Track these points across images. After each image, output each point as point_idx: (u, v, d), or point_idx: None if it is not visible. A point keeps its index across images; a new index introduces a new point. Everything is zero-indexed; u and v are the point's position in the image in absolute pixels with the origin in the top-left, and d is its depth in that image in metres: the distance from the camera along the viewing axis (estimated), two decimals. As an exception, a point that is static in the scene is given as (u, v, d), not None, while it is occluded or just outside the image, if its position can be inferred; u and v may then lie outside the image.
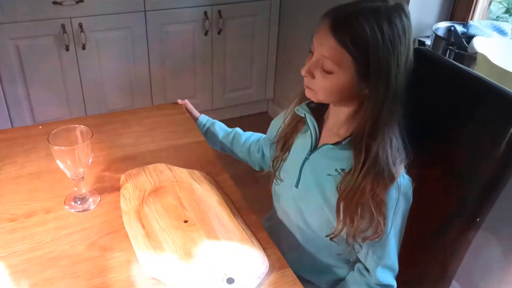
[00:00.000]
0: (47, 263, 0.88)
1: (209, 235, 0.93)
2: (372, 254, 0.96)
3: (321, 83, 0.89)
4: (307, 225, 1.03)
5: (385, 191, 0.88)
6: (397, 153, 0.89)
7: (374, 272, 0.96)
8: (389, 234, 0.92)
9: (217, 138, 1.30)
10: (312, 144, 0.99)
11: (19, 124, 2.27)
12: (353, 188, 0.89)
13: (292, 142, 1.06)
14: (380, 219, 0.89)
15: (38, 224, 0.96)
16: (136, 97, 2.52)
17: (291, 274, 0.88)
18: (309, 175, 1.00)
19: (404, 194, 0.92)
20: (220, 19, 2.47)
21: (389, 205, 0.90)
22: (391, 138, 0.89)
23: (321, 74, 0.88)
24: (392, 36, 0.83)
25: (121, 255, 0.90)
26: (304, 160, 1.00)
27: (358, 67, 0.85)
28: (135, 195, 1.02)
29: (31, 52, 2.17)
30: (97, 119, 1.38)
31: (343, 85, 0.88)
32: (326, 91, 0.90)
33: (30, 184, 1.07)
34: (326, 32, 0.85)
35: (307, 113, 0.99)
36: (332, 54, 0.85)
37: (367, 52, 0.83)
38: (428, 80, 1.12)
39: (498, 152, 0.92)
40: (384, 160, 0.87)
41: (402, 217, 0.94)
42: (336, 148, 0.94)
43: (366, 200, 0.89)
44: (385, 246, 0.94)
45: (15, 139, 1.23)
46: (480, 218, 0.97)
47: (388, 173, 0.88)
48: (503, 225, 1.41)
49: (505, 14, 1.81)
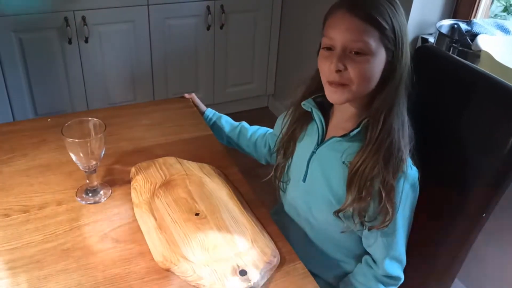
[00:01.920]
0: (61, 254, 0.89)
1: (220, 228, 0.95)
2: (380, 245, 0.97)
3: (356, 70, 0.87)
4: (315, 219, 1.04)
5: (395, 177, 0.89)
6: (406, 137, 0.91)
7: (382, 263, 0.97)
8: (397, 224, 0.93)
9: (224, 132, 1.31)
10: (319, 138, 1.01)
11: (21, 117, 2.27)
12: (364, 162, 0.90)
13: (299, 140, 1.06)
14: (388, 205, 0.89)
15: (51, 216, 0.97)
16: (138, 91, 2.52)
17: (302, 267, 0.90)
18: (316, 169, 1.01)
19: (412, 184, 0.93)
20: (222, 14, 2.48)
21: (397, 194, 0.91)
22: (403, 120, 0.91)
23: (353, 61, 0.87)
24: (397, 5, 0.89)
25: (134, 247, 0.91)
26: (311, 154, 1.01)
27: (386, 42, 0.88)
28: (146, 188, 1.03)
29: (33, 44, 2.17)
30: (105, 112, 1.39)
31: (377, 66, 0.89)
32: (362, 79, 0.88)
33: (41, 176, 1.08)
34: (346, 17, 0.87)
35: (313, 107, 1.00)
36: (360, 34, 0.86)
37: (390, 23, 0.87)
38: (434, 76, 1.13)
39: (505, 148, 0.93)
40: (396, 139, 0.89)
41: (410, 208, 0.96)
42: (344, 140, 0.95)
43: (376, 182, 0.90)
44: (393, 236, 0.95)
45: (23, 131, 1.24)
46: (486, 213, 0.99)
47: (398, 156, 0.89)
48: (504, 223, 1.43)
49: (503, 12, 1.83)
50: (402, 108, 0.91)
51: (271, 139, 1.24)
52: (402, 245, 0.97)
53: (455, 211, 1.01)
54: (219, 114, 1.35)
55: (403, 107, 0.91)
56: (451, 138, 1.04)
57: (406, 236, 0.98)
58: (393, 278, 0.99)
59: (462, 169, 1.02)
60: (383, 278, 0.99)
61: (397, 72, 0.90)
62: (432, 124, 1.09)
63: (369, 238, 0.98)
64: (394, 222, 0.93)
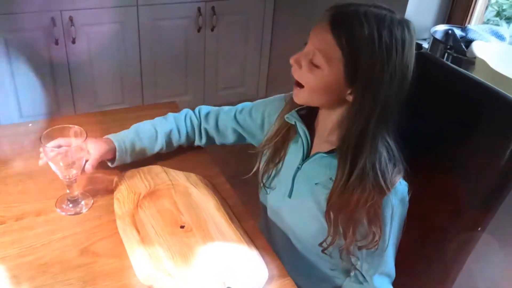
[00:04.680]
0: (38, 269, 0.84)
1: (206, 241, 0.91)
2: (369, 263, 0.94)
3: (306, 76, 0.87)
4: (302, 235, 1.01)
5: (379, 204, 0.86)
6: (390, 166, 0.87)
7: (371, 279, 0.95)
8: (387, 240, 0.91)
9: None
10: (304, 153, 0.97)
11: (6, 120, 2.22)
12: (340, 201, 0.87)
13: (285, 153, 1.02)
14: (375, 231, 0.87)
15: (29, 228, 0.93)
16: (127, 93, 2.48)
17: (291, 282, 0.86)
18: (302, 185, 0.97)
19: (401, 199, 0.90)
20: (213, 16, 2.44)
21: (386, 216, 0.88)
22: (380, 152, 0.86)
23: (309, 67, 0.87)
24: (389, 46, 0.81)
25: (115, 261, 0.87)
26: (296, 169, 0.98)
27: (347, 68, 0.83)
28: (129, 199, 0.98)
29: (19, 45, 2.11)
30: (89, 117, 1.35)
31: (327, 83, 0.85)
32: (310, 86, 0.88)
33: (20, 185, 1.03)
34: (324, 25, 0.84)
35: (297, 121, 0.96)
36: (324, 47, 0.84)
37: (359, 54, 0.81)
38: (429, 85, 1.10)
39: (502, 160, 0.91)
40: (373, 175, 0.85)
41: (399, 222, 0.93)
42: (329, 156, 0.92)
43: (360, 214, 0.87)
44: (382, 255, 0.92)
45: (3, 137, 1.20)
46: (481, 227, 0.96)
47: (379, 187, 0.85)
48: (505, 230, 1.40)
49: (495, 17, 1.82)
50: (378, 141, 0.86)
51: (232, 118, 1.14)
52: (391, 260, 0.95)
53: (450, 225, 0.99)
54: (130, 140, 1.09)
55: (381, 138, 0.86)
56: (446, 146, 1.02)
57: (395, 249, 0.95)
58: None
59: (458, 181, 0.99)
60: None
61: (358, 109, 0.84)
62: (426, 133, 1.06)
63: (359, 256, 0.95)
64: (384, 240, 0.90)
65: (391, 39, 0.80)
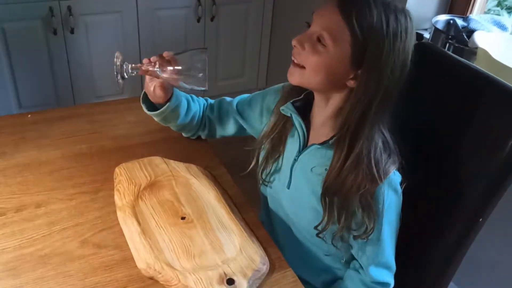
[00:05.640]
0: (38, 260, 0.84)
1: (207, 233, 0.90)
2: (365, 252, 0.95)
3: (310, 57, 0.85)
4: (302, 225, 1.01)
5: (371, 193, 0.86)
6: (385, 156, 0.87)
7: (368, 270, 0.95)
8: (383, 231, 0.91)
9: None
10: (300, 144, 0.97)
11: (4, 110, 2.20)
12: (335, 184, 0.87)
13: (283, 149, 1.01)
14: (368, 219, 0.87)
15: (29, 219, 0.92)
16: (126, 84, 2.44)
17: (292, 274, 0.86)
18: (299, 176, 0.97)
19: (394, 189, 0.90)
20: (213, 6, 2.42)
21: (378, 207, 0.88)
22: (376, 141, 0.86)
23: (313, 48, 0.85)
24: (395, 30, 0.81)
25: (116, 253, 0.87)
26: (293, 161, 0.98)
27: (354, 49, 0.82)
28: (130, 190, 0.98)
29: (17, 35, 2.10)
30: (89, 108, 1.34)
31: (333, 64, 0.84)
32: (313, 67, 0.85)
33: (19, 176, 1.03)
34: (331, 6, 0.83)
35: (293, 113, 0.95)
36: (332, 26, 0.82)
37: (368, 35, 0.81)
38: (431, 75, 1.10)
39: (504, 150, 0.91)
40: (367, 162, 0.85)
41: (396, 213, 0.93)
42: (323, 147, 0.92)
43: (352, 201, 0.87)
44: (378, 245, 0.92)
45: (2, 127, 1.18)
46: (482, 218, 0.96)
47: (372, 175, 0.85)
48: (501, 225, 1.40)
49: (496, 7, 1.80)
50: (378, 128, 0.86)
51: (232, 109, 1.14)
52: (390, 251, 0.94)
53: (452, 215, 0.99)
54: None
55: (379, 126, 0.87)
56: (447, 138, 1.02)
57: (393, 241, 0.95)
58: (381, 284, 0.96)
59: (459, 171, 0.99)
60: (371, 284, 0.96)
61: (362, 93, 0.84)
62: (427, 124, 1.06)
63: (355, 246, 0.96)
64: (379, 230, 0.90)
65: (397, 24, 0.81)
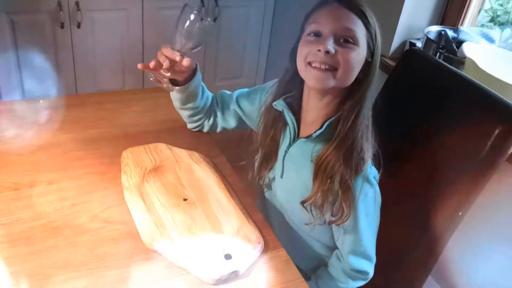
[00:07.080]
0: (51, 231, 0.90)
1: (208, 214, 0.97)
2: (345, 242, 1.00)
3: (345, 54, 0.88)
4: (294, 214, 1.08)
5: (354, 177, 0.92)
6: (370, 139, 0.94)
7: (347, 257, 1.01)
8: (359, 221, 0.96)
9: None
10: (291, 138, 1.02)
11: (7, 98, 2.26)
12: (328, 157, 0.93)
13: (276, 158, 1.07)
14: (345, 204, 0.93)
15: (41, 194, 0.98)
16: (127, 79, 2.53)
17: (285, 254, 0.93)
18: (290, 168, 1.04)
19: (371, 182, 0.96)
20: (216, 8, 2.50)
21: (356, 192, 0.93)
22: (367, 124, 0.93)
23: (342, 47, 0.89)
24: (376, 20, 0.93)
25: (122, 227, 0.93)
26: (284, 153, 1.04)
27: (370, 41, 0.92)
28: (136, 172, 1.05)
29: (25, 27, 2.15)
30: (97, 97, 1.41)
31: (362, 60, 0.92)
32: (349, 65, 0.89)
33: (32, 156, 1.09)
34: (337, 9, 0.91)
35: (285, 108, 1.00)
36: (351, 24, 0.89)
37: (374, 26, 0.92)
38: (420, 78, 1.17)
39: (483, 151, 0.98)
40: (359, 140, 0.92)
41: (373, 206, 0.98)
42: (309, 141, 0.98)
43: (336, 179, 0.92)
44: (355, 233, 0.97)
45: (15, 111, 1.25)
46: (462, 212, 1.03)
47: (359, 156, 0.92)
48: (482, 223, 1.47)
49: (490, 22, 1.88)
50: (368, 111, 0.94)
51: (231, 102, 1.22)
52: (369, 242, 1.00)
53: (432, 209, 1.05)
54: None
55: (369, 110, 0.94)
56: (432, 137, 1.08)
57: (372, 233, 1.00)
58: (360, 272, 1.02)
59: (442, 170, 1.06)
60: (350, 272, 1.02)
61: (371, 74, 0.93)
62: (413, 124, 1.13)
63: (336, 234, 1.02)
64: (355, 220, 0.95)
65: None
